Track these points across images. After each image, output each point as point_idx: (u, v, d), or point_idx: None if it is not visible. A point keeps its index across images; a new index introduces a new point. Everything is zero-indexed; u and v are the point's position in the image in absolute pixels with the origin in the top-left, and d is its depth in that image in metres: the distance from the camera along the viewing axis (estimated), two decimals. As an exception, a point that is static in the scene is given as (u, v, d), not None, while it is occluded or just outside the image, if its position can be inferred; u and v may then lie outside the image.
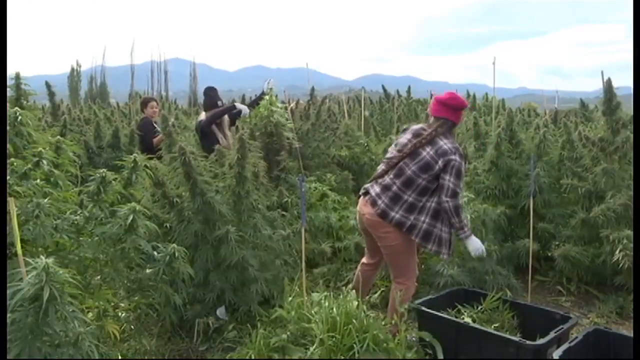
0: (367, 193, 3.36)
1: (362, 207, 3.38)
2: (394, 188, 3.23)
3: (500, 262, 4.26)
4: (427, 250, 3.43)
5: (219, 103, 5.55)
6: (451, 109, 3.25)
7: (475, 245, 3.25)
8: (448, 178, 3.12)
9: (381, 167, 3.38)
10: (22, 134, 3.23)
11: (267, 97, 5.37)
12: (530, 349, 2.81)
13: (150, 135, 6.05)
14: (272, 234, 3.70)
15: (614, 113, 4.44)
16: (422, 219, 3.20)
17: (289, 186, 5.23)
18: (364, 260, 3.70)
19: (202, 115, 5.53)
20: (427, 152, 3.18)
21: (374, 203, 3.27)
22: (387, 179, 3.28)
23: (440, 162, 3.14)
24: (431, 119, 3.33)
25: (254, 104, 5.64)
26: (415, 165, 3.19)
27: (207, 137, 5.29)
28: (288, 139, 5.24)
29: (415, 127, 3.37)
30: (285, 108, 5.96)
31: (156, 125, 6.10)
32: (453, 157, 3.14)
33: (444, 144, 3.18)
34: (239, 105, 5.51)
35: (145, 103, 6.60)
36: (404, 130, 3.44)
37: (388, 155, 3.38)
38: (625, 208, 4.13)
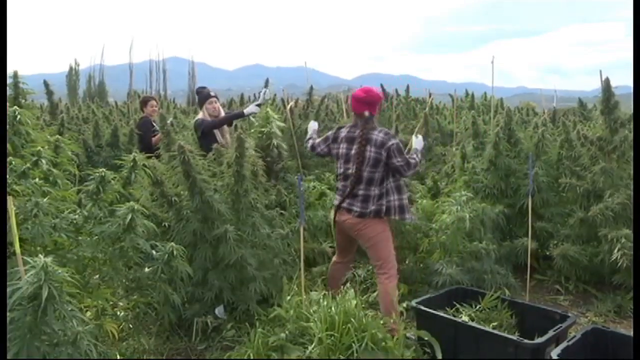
0: (339, 207, 3.60)
1: (339, 216, 3.62)
2: (361, 192, 3.52)
3: (499, 261, 4.26)
4: (405, 221, 3.75)
5: (215, 99, 5.51)
6: (370, 104, 3.58)
7: (418, 142, 3.85)
8: (396, 160, 3.47)
9: (341, 184, 3.65)
10: (21, 132, 3.22)
11: (264, 106, 5.36)
12: (528, 348, 2.81)
13: (149, 135, 6.05)
14: (270, 233, 3.70)
15: (612, 112, 4.45)
16: (392, 198, 3.53)
17: (287, 185, 5.23)
18: (335, 258, 3.90)
19: (200, 115, 5.49)
20: (369, 151, 3.49)
21: (349, 211, 3.55)
22: (352, 191, 3.54)
23: (383, 153, 3.48)
24: (352, 115, 3.68)
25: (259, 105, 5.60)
26: (368, 167, 3.49)
27: (206, 136, 5.28)
28: (284, 150, 5.28)
29: (344, 133, 3.65)
30: (285, 107, 5.97)
31: (155, 124, 6.09)
32: (390, 142, 3.48)
33: (377, 136, 3.51)
34: (248, 110, 5.47)
35: (145, 102, 6.59)
36: (335, 137, 3.72)
37: (340, 170, 3.65)
38: (623, 207, 4.13)
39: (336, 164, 3.72)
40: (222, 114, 5.44)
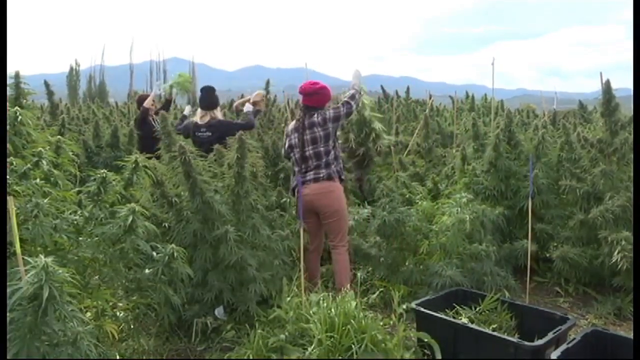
0: (304, 182, 4.02)
1: (305, 191, 3.95)
2: (312, 163, 4.06)
3: (499, 263, 4.26)
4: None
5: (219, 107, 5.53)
6: (312, 98, 4.11)
7: (354, 73, 4.32)
8: (336, 111, 4.08)
9: (302, 166, 4.12)
10: (22, 133, 3.22)
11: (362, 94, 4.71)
12: (528, 350, 2.81)
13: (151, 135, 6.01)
14: (270, 234, 3.70)
15: (612, 114, 4.45)
16: (338, 163, 4.16)
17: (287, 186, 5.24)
18: (309, 247, 4.20)
19: (198, 114, 5.42)
20: (317, 132, 4.04)
21: (306, 182, 4.02)
22: (303, 167, 4.10)
23: (329, 124, 4.04)
24: (302, 107, 4.20)
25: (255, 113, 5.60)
26: (320, 144, 4.04)
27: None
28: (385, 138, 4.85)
29: (292, 126, 4.24)
30: (285, 109, 5.98)
31: (155, 123, 6.03)
32: (326, 114, 4.05)
33: (316, 118, 4.05)
34: (246, 108, 5.48)
35: (140, 101, 6.65)
36: (286, 134, 4.33)
37: (297, 155, 4.12)
38: (623, 209, 4.13)
39: (293, 153, 4.16)
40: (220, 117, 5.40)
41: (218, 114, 5.36)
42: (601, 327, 3.64)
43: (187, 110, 5.93)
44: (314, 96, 4.10)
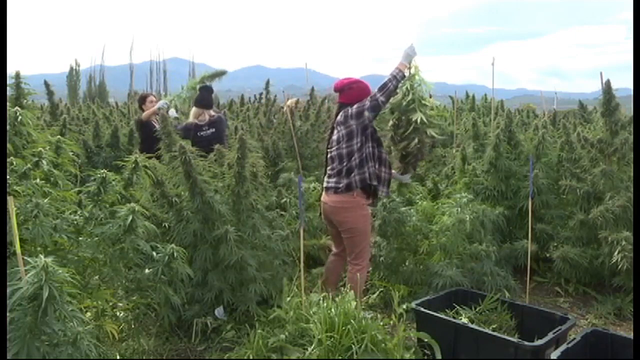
0: (326, 189, 3.75)
1: (324, 199, 3.76)
2: (336, 166, 3.67)
3: (499, 263, 4.26)
4: (381, 195, 3.78)
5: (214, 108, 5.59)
6: (343, 94, 3.75)
7: (405, 52, 3.63)
8: (362, 105, 3.58)
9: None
10: (22, 133, 3.23)
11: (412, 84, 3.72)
12: (528, 350, 2.81)
13: (151, 136, 5.98)
14: (271, 234, 3.70)
15: (613, 114, 4.45)
16: (365, 169, 3.61)
17: (288, 186, 5.24)
18: (332, 249, 3.98)
19: (193, 115, 5.44)
20: (339, 131, 3.65)
21: (327, 189, 3.70)
22: (328, 170, 3.75)
23: (350, 121, 3.60)
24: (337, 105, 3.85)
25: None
26: (339, 144, 3.64)
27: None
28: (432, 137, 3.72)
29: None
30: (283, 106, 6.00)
31: (155, 123, 6.03)
32: (348, 111, 3.62)
33: (341, 116, 3.67)
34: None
35: (143, 99, 6.30)
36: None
37: (326, 156, 3.81)
38: (623, 209, 4.13)
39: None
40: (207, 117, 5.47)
41: (193, 111, 5.49)
42: (601, 327, 3.64)
43: (172, 112, 5.90)
44: (345, 92, 3.74)
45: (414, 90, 3.61)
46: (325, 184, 3.76)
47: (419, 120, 3.54)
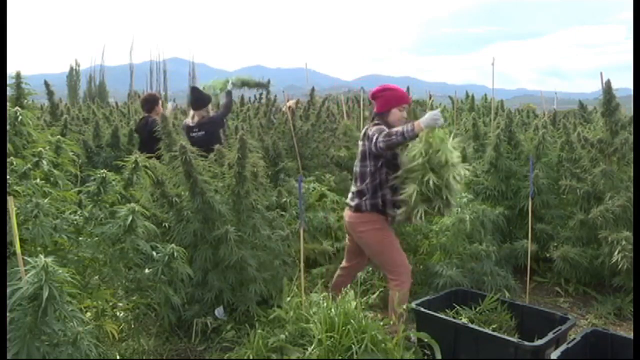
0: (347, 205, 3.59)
1: (345, 212, 3.62)
2: (353, 184, 3.53)
3: (499, 263, 4.26)
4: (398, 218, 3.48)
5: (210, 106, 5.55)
6: (376, 102, 3.53)
7: (429, 116, 3.12)
8: (369, 139, 3.31)
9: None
10: (22, 133, 3.22)
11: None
12: (528, 350, 2.81)
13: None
14: (271, 234, 3.70)
15: (613, 114, 4.45)
16: (378, 195, 3.41)
17: (289, 185, 5.24)
18: (342, 263, 3.82)
19: (189, 116, 5.43)
20: (362, 146, 3.44)
21: (350, 207, 3.52)
22: (353, 186, 3.56)
23: (366, 142, 3.37)
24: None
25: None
26: (360, 161, 3.46)
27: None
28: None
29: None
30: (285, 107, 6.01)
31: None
32: (368, 129, 3.39)
33: (368, 129, 3.40)
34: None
35: (153, 102, 5.78)
36: None
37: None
38: (623, 209, 4.13)
39: None
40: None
41: (209, 112, 5.41)
42: (601, 327, 3.64)
43: (170, 106, 5.81)
44: (376, 100, 3.51)
45: (428, 157, 3.16)
46: (347, 200, 3.60)
47: (431, 184, 3.12)
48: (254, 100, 13.25)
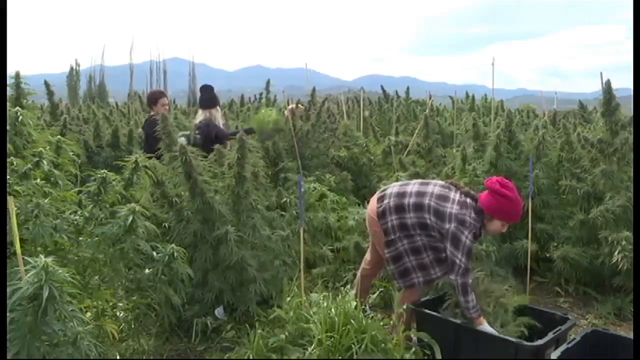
0: (383, 191, 3.40)
1: (371, 201, 3.44)
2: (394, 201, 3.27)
3: (499, 263, 4.26)
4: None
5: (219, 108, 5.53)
6: (488, 194, 3.15)
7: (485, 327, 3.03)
8: (449, 250, 3.11)
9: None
10: (23, 133, 3.23)
11: None
12: (528, 350, 2.81)
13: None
14: (271, 234, 3.70)
15: (613, 114, 4.45)
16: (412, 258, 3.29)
17: (288, 186, 5.24)
18: (365, 257, 3.75)
19: (200, 115, 5.44)
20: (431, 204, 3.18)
21: (380, 199, 3.33)
22: (406, 199, 3.25)
23: (437, 235, 3.18)
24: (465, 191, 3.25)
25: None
26: (416, 212, 3.20)
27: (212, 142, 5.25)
28: None
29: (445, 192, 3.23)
30: (286, 108, 6.01)
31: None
32: (449, 225, 3.10)
33: (448, 207, 3.14)
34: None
35: (155, 99, 5.52)
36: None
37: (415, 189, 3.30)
38: (624, 209, 4.13)
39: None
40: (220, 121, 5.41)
41: (216, 113, 5.39)
42: (601, 327, 3.64)
43: (183, 140, 5.41)
44: (492, 194, 3.12)
45: None
46: (379, 193, 3.43)
47: None
48: (254, 100, 13.26)
